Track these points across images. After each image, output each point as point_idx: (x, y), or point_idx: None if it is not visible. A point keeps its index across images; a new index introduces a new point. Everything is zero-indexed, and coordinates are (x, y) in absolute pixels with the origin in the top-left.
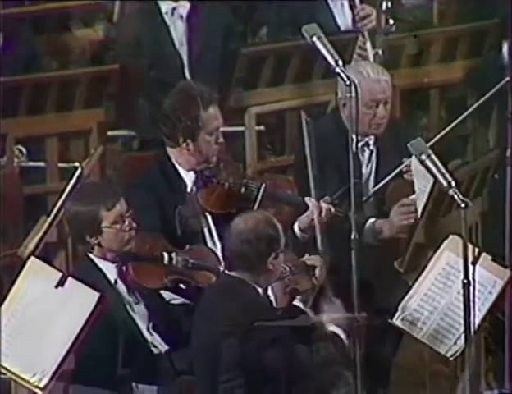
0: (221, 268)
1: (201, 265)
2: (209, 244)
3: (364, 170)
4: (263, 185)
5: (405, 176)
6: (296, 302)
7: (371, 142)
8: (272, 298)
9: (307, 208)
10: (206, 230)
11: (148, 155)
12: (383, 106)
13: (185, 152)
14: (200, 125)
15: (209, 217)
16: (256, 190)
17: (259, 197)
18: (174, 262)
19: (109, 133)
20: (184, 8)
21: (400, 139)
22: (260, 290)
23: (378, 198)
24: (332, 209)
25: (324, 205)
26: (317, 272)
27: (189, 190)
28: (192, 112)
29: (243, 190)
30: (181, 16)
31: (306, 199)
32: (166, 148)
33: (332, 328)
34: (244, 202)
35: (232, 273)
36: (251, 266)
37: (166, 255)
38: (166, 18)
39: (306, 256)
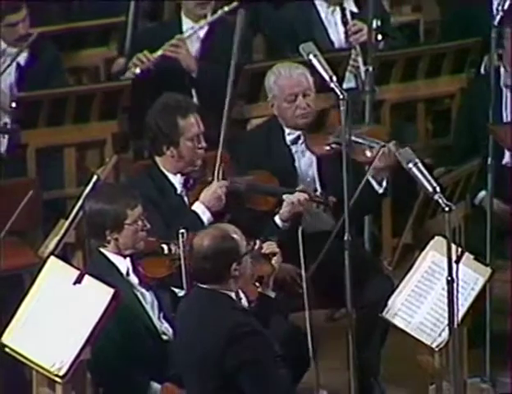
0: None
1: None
2: None
3: (302, 161)
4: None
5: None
6: (260, 289)
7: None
8: (242, 295)
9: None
10: None
11: None
12: (302, 98)
13: (170, 158)
14: (180, 133)
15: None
16: (241, 185)
17: (245, 191)
18: (173, 251)
19: None
20: (202, 29)
21: None
22: (232, 294)
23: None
24: (307, 196)
25: (299, 195)
26: (275, 257)
27: (178, 192)
28: (171, 120)
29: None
30: (198, 37)
31: (284, 196)
32: (153, 156)
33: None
34: (232, 198)
35: (204, 286)
36: (216, 277)
37: (165, 247)
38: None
39: (264, 244)
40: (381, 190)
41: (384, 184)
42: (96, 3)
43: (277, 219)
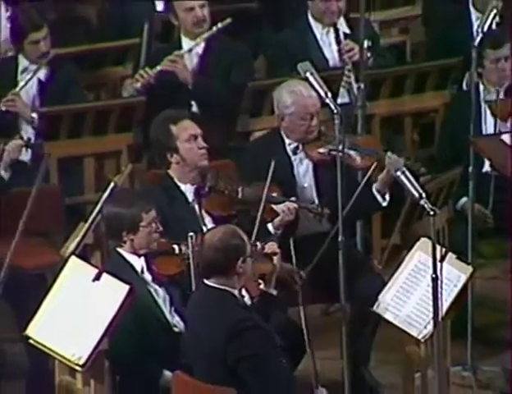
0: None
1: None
2: None
3: (301, 168)
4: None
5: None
6: (262, 287)
7: (300, 145)
8: (245, 293)
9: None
10: (204, 227)
11: None
12: (315, 116)
13: (176, 166)
14: (175, 137)
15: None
16: (250, 195)
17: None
18: (183, 251)
19: None
20: (200, 47)
21: None
22: (236, 292)
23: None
24: (296, 206)
25: (289, 204)
26: (275, 257)
27: (190, 200)
28: (165, 129)
29: (240, 194)
30: (197, 53)
31: (275, 206)
32: (166, 170)
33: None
34: (241, 204)
35: (210, 283)
36: (223, 270)
37: (176, 247)
38: (186, 56)
39: (266, 245)
40: (384, 203)
41: (387, 197)
42: (113, 26)
43: (270, 226)
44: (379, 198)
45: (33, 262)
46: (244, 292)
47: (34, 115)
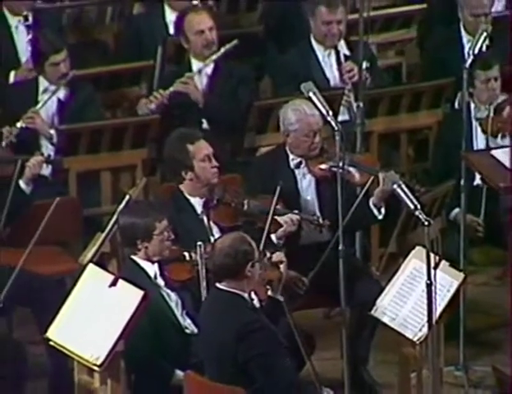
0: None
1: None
2: None
3: (304, 182)
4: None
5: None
6: (269, 293)
7: (303, 161)
8: (254, 296)
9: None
10: (212, 237)
11: None
12: (318, 134)
13: (189, 182)
14: (192, 157)
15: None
16: (255, 207)
17: (258, 213)
18: (193, 258)
19: None
20: (209, 68)
21: None
22: (245, 295)
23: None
24: (298, 217)
25: (291, 216)
26: (282, 265)
27: (199, 212)
28: (182, 148)
29: (245, 207)
30: (207, 73)
31: (278, 217)
32: (178, 185)
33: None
34: (247, 216)
35: (221, 286)
36: (233, 274)
37: (186, 254)
38: (196, 77)
39: (274, 255)
40: (380, 216)
41: (382, 211)
42: (128, 49)
43: (273, 236)
44: (375, 211)
45: (53, 269)
46: (253, 295)
47: (53, 131)
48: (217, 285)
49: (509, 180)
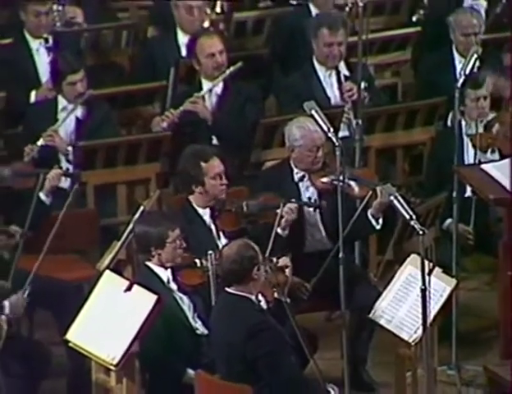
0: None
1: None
2: None
3: (307, 194)
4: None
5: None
6: (276, 295)
7: (306, 174)
8: (261, 298)
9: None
10: (220, 244)
11: None
12: (321, 149)
13: (199, 195)
14: (204, 173)
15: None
16: (254, 207)
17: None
18: (204, 264)
19: None
20: (219, 87)
21: None
22: (253, 297)
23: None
24: (296, 205)
25: (289, 205)
26: (287, 269)
27: (207, 223)
28: (196, 165)
29: (245, 209)
30: (216, 93)
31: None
32: (187, 196)
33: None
34: (248, 217)
35: (230, 290)
36: (241, 278)
37: (198, 261)
38: (206, 96)
39: (280, 260)
40: (378, 227)
41: (380, 221)
42: (143, 70)
43: (279, 229)
44: (373, 222)
45: (73, 275)
46: (260, 297)
47: (70, 148)
48: (226, 289)
49: (508, 193)
